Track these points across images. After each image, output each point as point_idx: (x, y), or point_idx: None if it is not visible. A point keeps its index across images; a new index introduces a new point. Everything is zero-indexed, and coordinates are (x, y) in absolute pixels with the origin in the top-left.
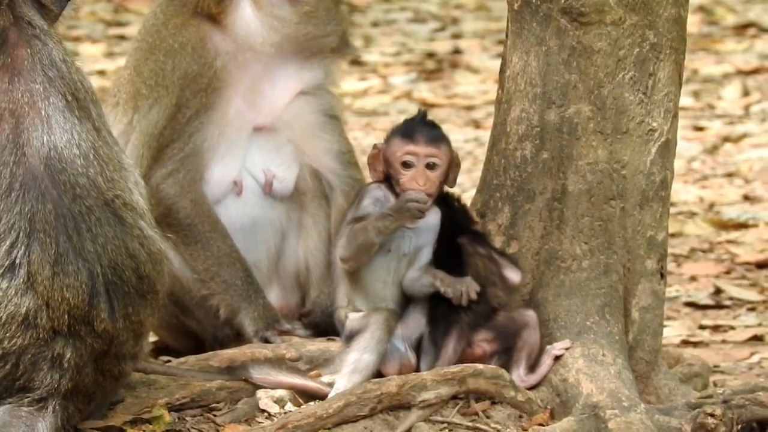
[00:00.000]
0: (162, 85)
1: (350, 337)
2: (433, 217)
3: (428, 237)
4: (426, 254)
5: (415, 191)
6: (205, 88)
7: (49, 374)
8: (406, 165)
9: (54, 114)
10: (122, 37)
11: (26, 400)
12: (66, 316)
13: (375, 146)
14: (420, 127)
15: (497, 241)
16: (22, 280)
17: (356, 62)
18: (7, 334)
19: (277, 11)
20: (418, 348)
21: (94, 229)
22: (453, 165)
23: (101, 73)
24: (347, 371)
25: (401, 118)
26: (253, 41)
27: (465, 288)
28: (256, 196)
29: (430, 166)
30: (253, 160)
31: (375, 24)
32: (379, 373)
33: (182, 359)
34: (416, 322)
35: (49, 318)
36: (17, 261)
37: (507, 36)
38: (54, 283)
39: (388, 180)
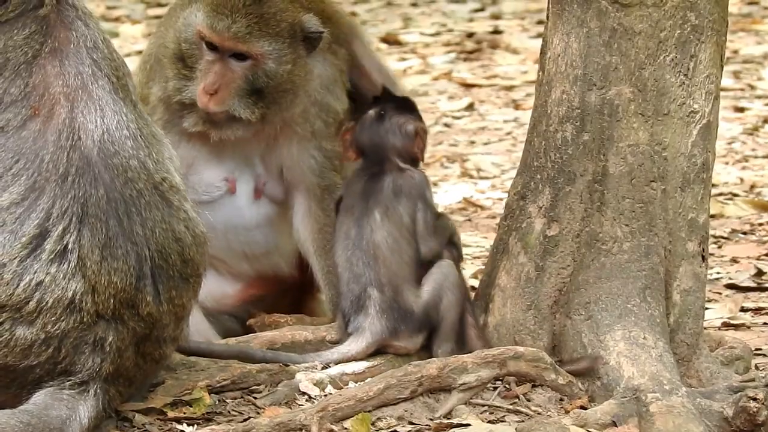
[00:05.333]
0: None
1: None
2: None
3: None
4: None
5: None
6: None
7: (90, 358)
8: None
9: (104, 96)
10: (162, 18)
11: (67, 383)
12: (111, 300)
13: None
14: None
15: (538, 223)
16: (72, 264)
17: (396, 42)
18: (52, 318)
19: None
20: None
21: (143, 213)
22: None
23: (141, 53)
24: None
25: (441, 99)
26: None
27: None
28: (249, 195)
29: None
30: (246, 163)
31: (414, 4)
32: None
33: (222, 341)
34: None
35: (94, 302)
36: (69, 246)
37: (548, 17)
38: (102, 267)
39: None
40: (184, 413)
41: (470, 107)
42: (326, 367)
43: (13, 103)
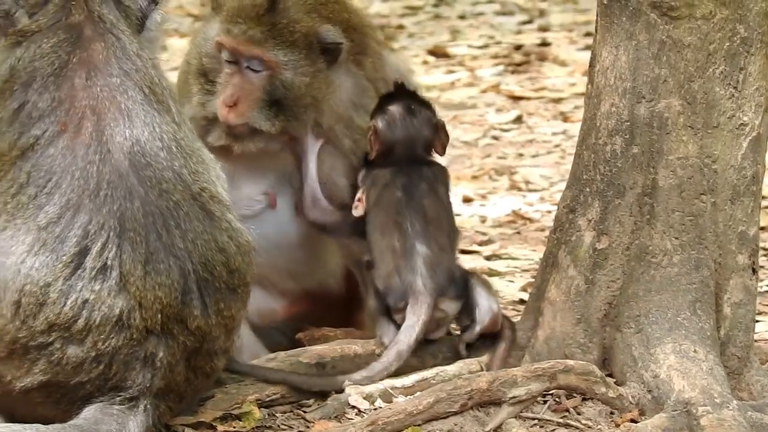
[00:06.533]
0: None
1: None
2: None
3: None
4: None
5: None
6: None
7: (141, 373)
8: None
9: (134, 107)
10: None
11: (117, 399)
12: (159, 315)
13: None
14: None
15: (587, 237)
16: (114, 281)
17: (444, 55)
18: (101, 336)
19: None
20: None
21: (183, 225)
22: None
23: None
24: None
25: (490, 111)
26: None
27: None
28: (290, 210)
29: None
30: (285, 178)
31: (462, 17)
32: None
33: (272, 355)
34: None
35: (142, 318)
36: (109, 262)
37: (596, 30)
38: (146, 283)
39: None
40: (234, 427)
41: (518, 120)
42: (376, 381)
43: (41, 118)
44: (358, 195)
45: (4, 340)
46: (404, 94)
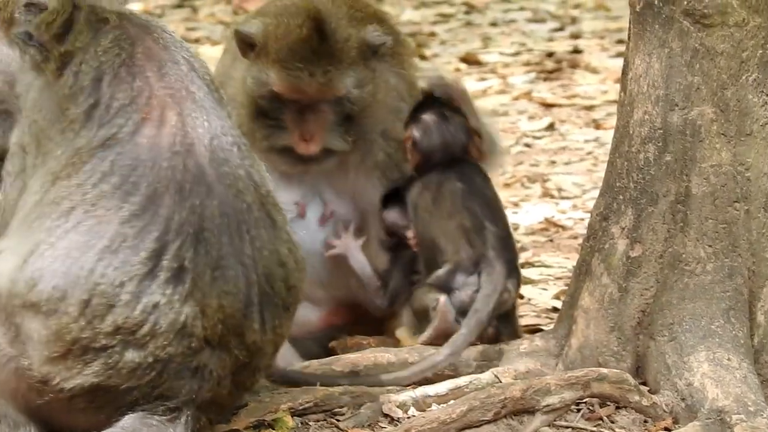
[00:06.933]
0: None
1: None
2: None
3: None
4: None
5: None
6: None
7: (188, 384)
8: None
9: (204, 99)
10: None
11: (161, 408)
12: (220, 326)
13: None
14: None
15: (621, 244)
16: (188, 285)
17: (476, 62)
18: (164, 343)
19: None
20: None
21: (252, 231)
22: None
23: None
24: None
25: (522, 119)
26: None
27: None
28: (317, 221)
29: None
30: (314, 189)
31: (494, 24)
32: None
33: (305, 363)
34: None
35: (203, 327)
36: (185, 264)
37: (629, 38)
38: (213, 289)
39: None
40: None
41: (551, 127)
42: (413, 388)
43: (123, 108)
44: (410, 234)
45: (64, 339)
46: (435, 101)
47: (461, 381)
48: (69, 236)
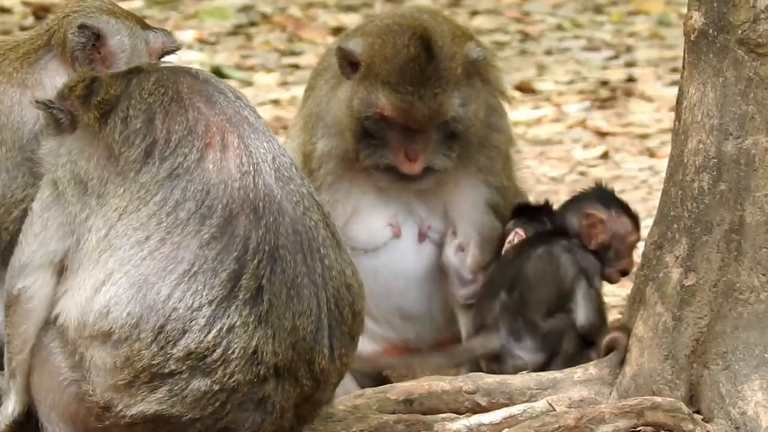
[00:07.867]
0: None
1: None
2: None
3: None
4: None
5: None
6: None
7: (252, 416)
8: None
9: (258, 122)
10: (296, 66)
11: None
12: (290, 352)
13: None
14: None
15: (675, 273)
16: (265, 307)
17: (530, 90)
18: (233, 369)
19: None
20: None
21: (321, 249)
22: None
23: (275, 102)
24: None
25: (576, 147)
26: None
27: None
28: (413, 239)
29: None
30: (408, 207)
31: (548, 52)
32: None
33: (359, 392)
34: None
35: (274, 353)
36: (263, 284)
37: (683, 67)
38: (287, 310)
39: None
40: None
41: (605, 155)
42: (467, 416)
43: (183, 138)
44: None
45: (134, 367)
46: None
47: (515, 409)
48: (145, 263)
